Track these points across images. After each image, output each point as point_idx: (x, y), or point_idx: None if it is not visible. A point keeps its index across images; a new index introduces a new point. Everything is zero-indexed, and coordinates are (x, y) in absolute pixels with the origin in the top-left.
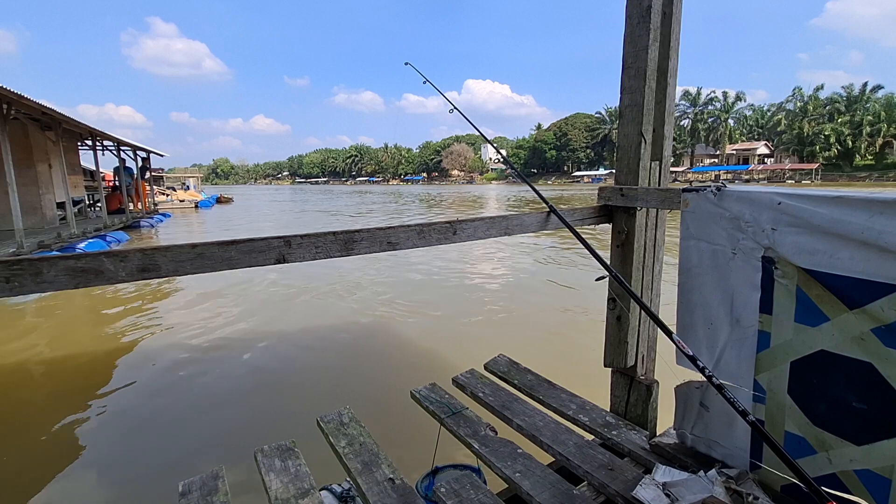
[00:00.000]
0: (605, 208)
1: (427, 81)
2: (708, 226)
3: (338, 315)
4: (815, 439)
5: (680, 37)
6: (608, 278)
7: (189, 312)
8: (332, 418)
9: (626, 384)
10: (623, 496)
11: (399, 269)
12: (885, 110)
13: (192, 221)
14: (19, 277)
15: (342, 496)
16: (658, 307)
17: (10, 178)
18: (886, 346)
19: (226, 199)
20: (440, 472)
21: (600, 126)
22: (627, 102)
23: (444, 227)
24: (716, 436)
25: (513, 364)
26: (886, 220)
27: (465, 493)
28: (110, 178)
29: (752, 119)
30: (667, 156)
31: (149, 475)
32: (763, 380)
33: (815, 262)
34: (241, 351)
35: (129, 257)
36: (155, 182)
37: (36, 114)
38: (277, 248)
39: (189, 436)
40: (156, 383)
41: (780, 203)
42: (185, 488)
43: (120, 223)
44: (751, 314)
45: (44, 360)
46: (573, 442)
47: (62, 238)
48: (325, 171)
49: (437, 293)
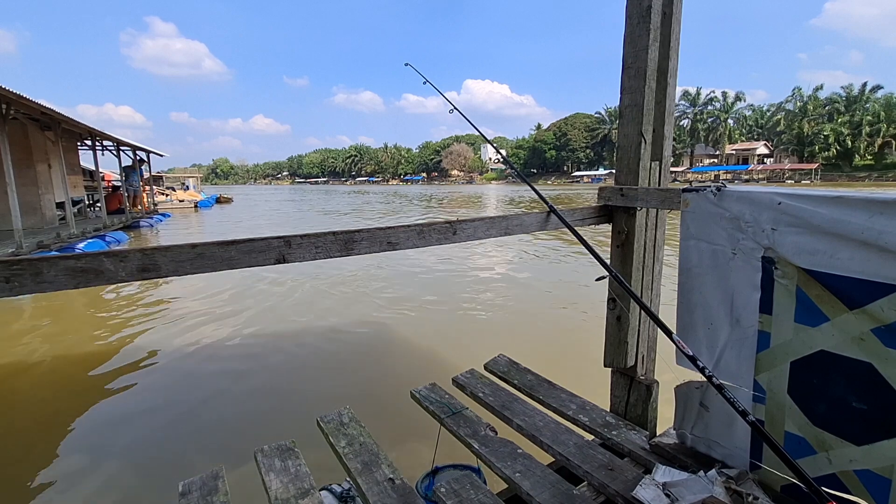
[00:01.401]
0: (605, 208)
1: (427, 82)
2: (708, 226)
3: (338, 315)
4: (815, 439)
5: (680, 37)
6: (608, 278)
7: (188, 312)
8: (332, 418)
9: (626, 384)
10: (623, 496)
11: (398, 268)
12: (885, 110)
13: (191, 222)
14: (19, 277)
15: (342, 496)
16: (658, 307)
17: (10, 178)
18: (886, 346)
19: (225, 199)
20: (440, 472)
21: (600, 126)
22: (627, 102)
23: (443, 227)
24: (716, 436)
25: (513, 364)
26: (886, 220)
27: (464, 493)
28: (110, 178)
29: (751, 119)
30: (667, 156)
31: (149, 475)
32: (763, 380)
33: (815, 262)
34: (241, 351)
35: (129, 257)
36: (154, 182)
37: (35, 114)
38: (277, 248)
39: (189, 436)
40: (155, 383)
41: (780, 203)
42: (185, 488)
43: (119, 223)
44: (751, 314)
45: (42, 359)
46: (573, 442)
47: (61, 238)
48: (324, 171)
49: (437, 293)
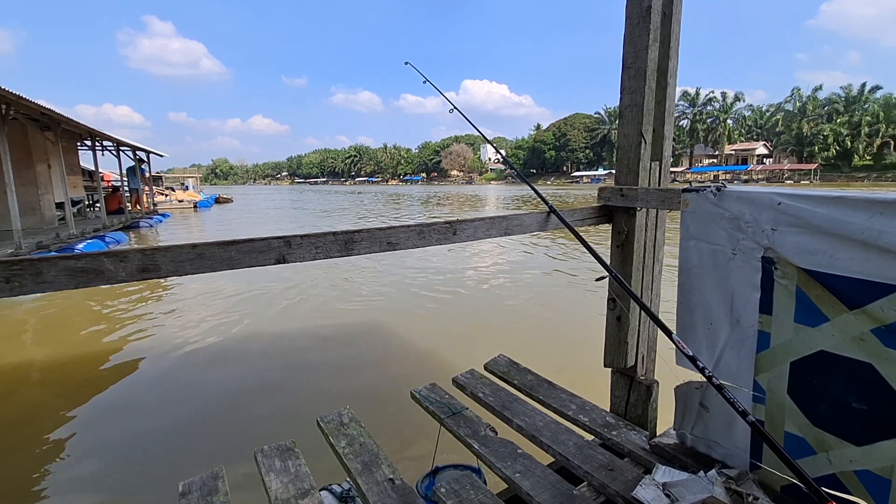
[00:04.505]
0: (605, 208)
1: (427, 81)
2: (708, 226)
3: (338, 315)
4: (814, 440)
5: (680, 37)
6: (608, 278)
7: (188, 312)
8: (332, 418)
9: (626, 384)
10: (623, 496)
11: (398, 268)
12: (884, 110)
13: (191, 222)
14: (19, 277)
15: (342, 496)
16: (658, 307)
17: (9, 178)
18: (886, 346)
19: (225, 199)
20: (440, 472)
21: (599, 126)
22: (627, 102)
23: (443, 227)
24: (716, 436)
25: (513, 364)
26: (886, 221)
27: (464, 493)
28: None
29: (750, 119)
30: (667, 156)
31: (148, 475)
32: (763, 380)
33: (814, 263)
34: (241, 351)
35: (129, 257)
36: (154, 182)
37: (35, 114)
38: (277, 248)
39: (189, 436)
40: (155, 383)
41: (780, 203)
42: (185, 488)
43: (119, 223)
44: (751, 314)
45: (40, 359)
46: (573, 442)
47: (61, 238)
48: (324, 171)
49: (438, 293)
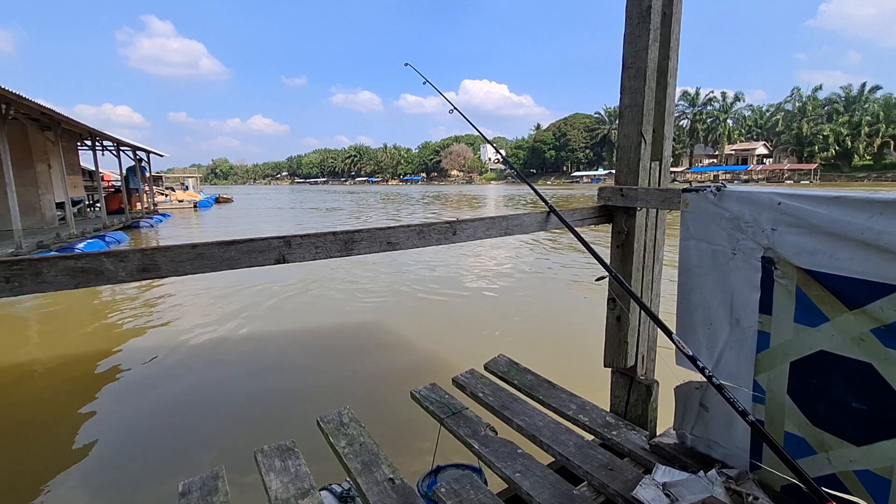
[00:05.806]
0: (605, 208)
1: (427, 82)
2: (708, 226)
3: (338, 315)
4: (814, 440)
5: (680, 37)
6: (608, 278)
7: (188, 312)
8: (332, 418)
9: (626, 384)
10: (623, 496)
11: (399, 268)
12: (884, 110)
13: (191, 222)
14: (19, 277)
15: (342, 496)
16: (658, 307)
17: (9, 178)
18: (886, 346)
19: (225, 199)
20: (441, 472)
21: (599, 126)
22: (627, 102)
23: (443, 227)
24: (716, 436)
25: (513, 364)
26: (886, 221)
27: (465, 493)
28: (109, 178)
29: (750, 119)
30: (667, 156)
31: (149, 475)
32: (763, 380)
33: (814, 263)
34: (241, 351)
35: (129, 257)
36: (154, 182)
37: (35, 114)
38: (277, 248)
39: (189, 436)
40: (155, 384)
41: (780, 203)
42: (185, 488)
43: (119, 223)
44: (750, 314)
45: (41, 358)
46: (573, 442)
47: (61, 238)
48: (324, 171)
49: (438, 293)
